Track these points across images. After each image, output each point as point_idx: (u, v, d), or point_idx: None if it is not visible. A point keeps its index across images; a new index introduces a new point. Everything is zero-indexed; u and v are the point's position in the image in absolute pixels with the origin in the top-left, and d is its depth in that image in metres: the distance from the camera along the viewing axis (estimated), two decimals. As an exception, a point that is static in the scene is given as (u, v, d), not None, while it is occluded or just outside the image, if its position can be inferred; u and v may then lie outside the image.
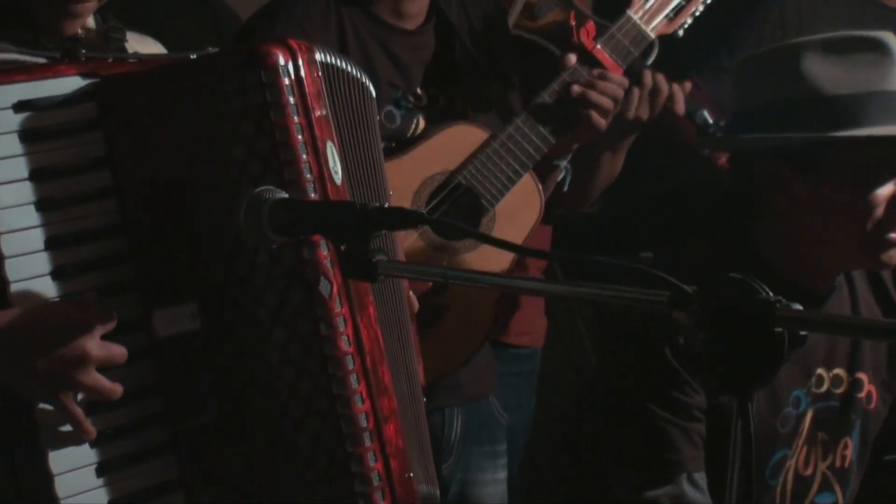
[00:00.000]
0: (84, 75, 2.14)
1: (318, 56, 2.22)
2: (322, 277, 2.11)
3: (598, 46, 3.08)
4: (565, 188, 3.16)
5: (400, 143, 3.00)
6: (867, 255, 2.65)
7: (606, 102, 3.02)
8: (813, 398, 2.74)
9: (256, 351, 2.12)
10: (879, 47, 2.66)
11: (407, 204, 2.94)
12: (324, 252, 2.11)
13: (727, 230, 2.74)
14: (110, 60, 2.19)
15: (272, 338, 2.11)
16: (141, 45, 2.41)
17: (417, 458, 2.33)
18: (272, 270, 2.10)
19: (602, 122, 3.03)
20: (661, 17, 3.14)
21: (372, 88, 2.40)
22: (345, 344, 2.12)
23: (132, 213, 2.13)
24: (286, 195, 1.97)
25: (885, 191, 2.61)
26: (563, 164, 3.13)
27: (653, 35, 3.12)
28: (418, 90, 3.05)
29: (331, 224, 1.88)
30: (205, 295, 2.11)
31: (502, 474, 3.22)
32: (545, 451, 4.74)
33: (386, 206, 1.86)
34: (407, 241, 2.94)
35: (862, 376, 2.79)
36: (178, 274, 2.12)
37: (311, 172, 2.12)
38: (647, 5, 3.13)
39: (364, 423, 2.13)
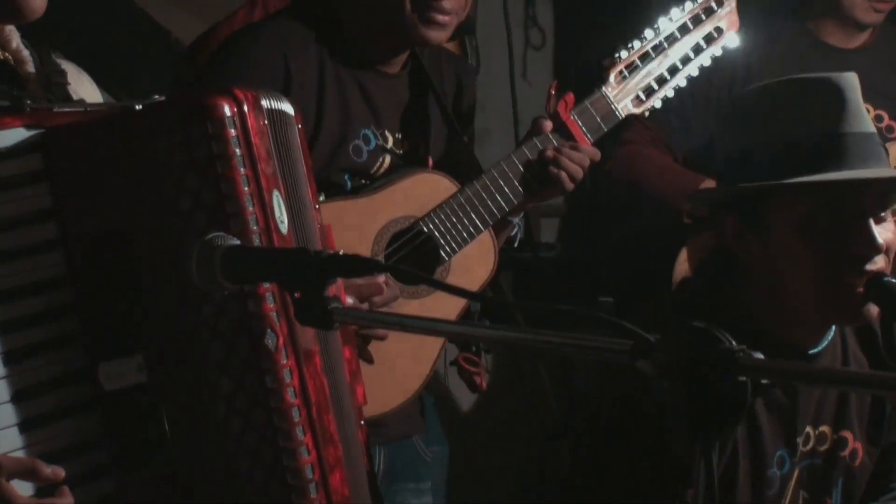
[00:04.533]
0: (29, 126, 2.12)
1: (264, 103, 2.22)
2: (268, 330, 2.11)
3: (573, 118, 3.14)
4: (516, 244, 3.21)
5: (365, 179, 3.05)
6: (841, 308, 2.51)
7: (577, 170, 3.10)
8: (799, 457, 2.65)
9: (202, 404, 2.12)
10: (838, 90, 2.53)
11: (368, 243, 2.98)
12: (269, 305, 2.11)
13: (712, 284, 2.63)
14: (54, 110, 2.18)
15: (218, 391, 2.11)
16: (77, 79, 2.39)
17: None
18: (218, 323, 2.10)
19: (571, 186, 3.12)
20: (631, 96, 3.19)
21: (294, 114, 2.36)
22: (291, 396, 2.13)
23: (78, 266, 2.12)
24: (238, 242, 1.94)
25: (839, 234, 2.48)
26: (516, 220, 3.22)
27: (623, 114, 3.18)
28: (386, 132, 3.10)
29: (285, 271, 1.86)
30: (151, 348, 2.11)
31: None
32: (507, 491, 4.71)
33: (341, 252, 1.85)
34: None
35: (847, 434, 2.68)
36: (124, 326, 2.11)
37: (257, 224, 2.12)
38: (621, 84, 3.17)
39: (310, 475, 2.14)
